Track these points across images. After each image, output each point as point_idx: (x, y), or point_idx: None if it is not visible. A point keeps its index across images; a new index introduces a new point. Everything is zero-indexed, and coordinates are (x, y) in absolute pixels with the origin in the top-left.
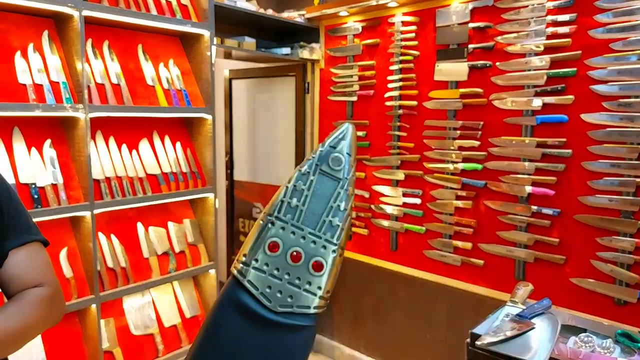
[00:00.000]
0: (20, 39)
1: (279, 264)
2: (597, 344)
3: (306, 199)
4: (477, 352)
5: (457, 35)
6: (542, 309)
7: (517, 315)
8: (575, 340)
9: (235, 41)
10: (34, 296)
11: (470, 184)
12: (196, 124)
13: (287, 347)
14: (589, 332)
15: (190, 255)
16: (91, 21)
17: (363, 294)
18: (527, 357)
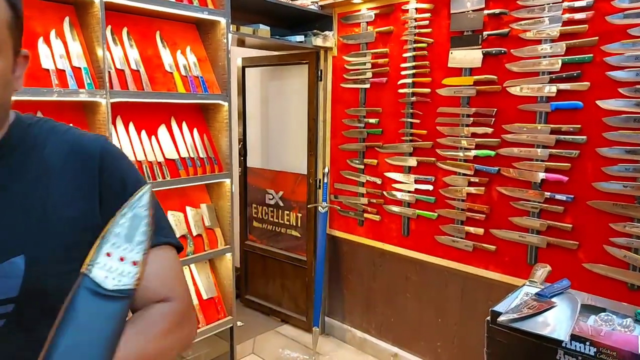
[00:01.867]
0: (42, 25)
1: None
2: (618, 323)
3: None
4: (498, 329)
5: (471, 22)
6: (561, 288)
7: (536, 294)
8: (595, 319)
9: (250, 28)
10: (160, 314)
11: (482, 170)
12: (212, 111)
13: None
14: (609, 311)
15: (207, 239)
16: (111, 7)
17: (374, 279)
18: (548, 333)
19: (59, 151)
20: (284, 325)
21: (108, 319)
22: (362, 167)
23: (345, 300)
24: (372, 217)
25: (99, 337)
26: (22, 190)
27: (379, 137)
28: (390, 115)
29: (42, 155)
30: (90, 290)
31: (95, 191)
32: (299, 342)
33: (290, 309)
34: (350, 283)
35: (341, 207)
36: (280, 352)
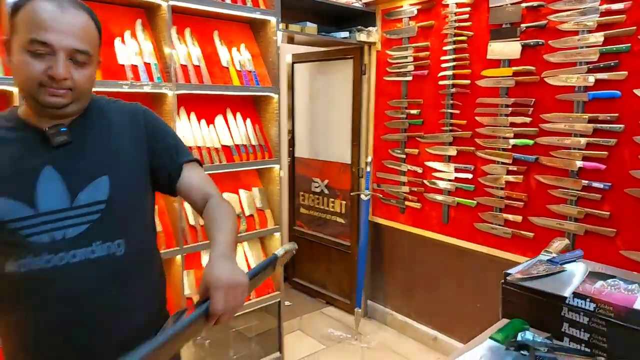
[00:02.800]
0: (119, 27)
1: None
2: (623, 287)
3: None
4: (509, 289)
5: (510, 15)
6: (573, 257)
7: (547, 261)
8: (603, 283)
9: (298, 26)
10: (223, 207)
11: (521, 158)
12: (264, 102)
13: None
14: (618, 278)
15: (258, 219)
16: (176, 10)
17: (415, 264)
18: (551, 291)
19: (116, 113)
20: (328, 307)
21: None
22: (404, 157)
23: (387, 285)
24: (413, 204)
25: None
26: (100, 138)
27: (420, 128)
28: (431, 106)
29: (108, 116)
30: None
31: (142, 138)
32: (342, 322)
33: (334, 292)
34: (391, 268)
35: (383, 195)
36: (324, 330)
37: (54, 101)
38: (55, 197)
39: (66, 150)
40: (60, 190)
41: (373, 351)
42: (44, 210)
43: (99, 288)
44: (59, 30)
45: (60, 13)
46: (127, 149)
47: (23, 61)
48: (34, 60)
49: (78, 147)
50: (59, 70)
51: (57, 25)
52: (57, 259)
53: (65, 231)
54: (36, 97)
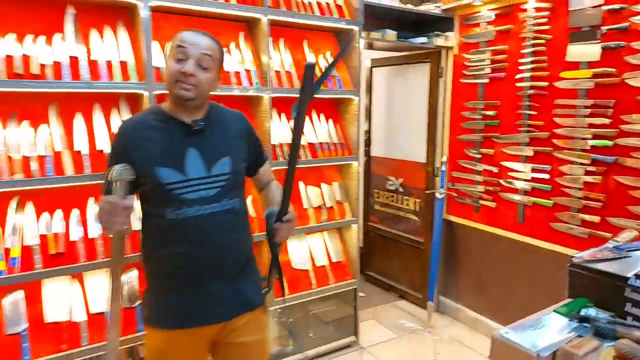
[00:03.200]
0: (226, 39)
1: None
2: None
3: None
4: (575, 271)
5: (590, 18)
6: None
7: (614, 247)
8: None
9: (379, 33)
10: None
11: (600, 159)
12: (344, 104)
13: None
14: None
15: (338, 211)
16: (273, 23)
17: (488, 262)
18: (614, 272)
19: (228, 115)
20: (401, 301)
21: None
22: (479, 157)
23: (460, 281)
24: (487, 203)
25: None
26: (221, 130)
27: (496, 128)
28: (508, 107)
29: (223, 117)
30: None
31: (245, 137)
32: (414, 315)
33: (407, 286)
34: (464, 265)
35: (458, 194)
36: (397, 321)
37: (183, 94)
38: (198, 168)
39: (201, 137)
40: (200, 164)
41: (445, 343)
42: (191, 177)
43: (225, 229)
44: (191, 43)
45: (194, 35)
46: (237, 141)
47: (169, 65)
48: (175, 64)
49: (208, 135)
50: (188, 67)
51: (191, 40)
52: (202, 210)
53: (206, 191)
54: (173, 90)
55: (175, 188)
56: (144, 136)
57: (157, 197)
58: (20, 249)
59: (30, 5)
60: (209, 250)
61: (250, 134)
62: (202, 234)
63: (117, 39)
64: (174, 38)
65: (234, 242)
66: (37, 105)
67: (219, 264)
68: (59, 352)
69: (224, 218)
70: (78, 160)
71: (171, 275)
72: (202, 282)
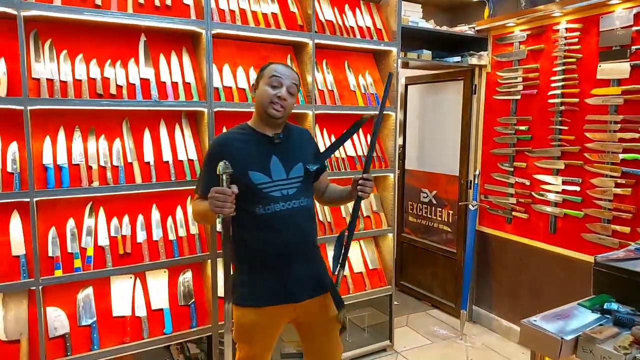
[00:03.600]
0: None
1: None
2: None
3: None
4: (599, 270)
5: (620, 38)
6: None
7: (636, 249)
8: None
9: (415, 54)
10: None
11: (630, 172)
12: (382, 120)
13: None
14: None
15: (374, 220)
16: (318, 46)
17: (521, 272)
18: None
19: (297, 130)
20: (434, 310)
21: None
22: (512, 170)
23: (493, 291)
24: (520, 215)
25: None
26: (294, 142)
27: (528, 143)
28: (539, 122)
29: (293, 131)
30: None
31: (311, 147)
32: (447, 323)
33: (440, 296)
34: (497, 275)
35: (490, 205)
36: (430, 328)
37: (275, 113)
38: (279, 171)
39: (280, 147)
40: (281, 169)
41: (477, 350)
42: (275, 179)
43: (301, 221)
44: (284, 75)
45: (286, 68)
46: (307, 151)
47: (264, 90)
48: (270, 89)
49: (285, 146)
50: (283, 93)
51: (284, 72)
52: (288, 205)
53: (287, 190)
54: (267, 110)
55: (264, 188)
56: (236, 147)
57: (250, 196)
58: (93, 248)
59: (108, 34)
60: (291, 238)
61: (315, 146)
62: (285, 225)
63: (181, 62)
64: (266, 69)
65: (307, 232)
66: (112, 121)
67: (298, 250)
68: (123, 343)
69: (301, 213)
70: (146, 170)
71: (261, 260)
72: (285, 266)
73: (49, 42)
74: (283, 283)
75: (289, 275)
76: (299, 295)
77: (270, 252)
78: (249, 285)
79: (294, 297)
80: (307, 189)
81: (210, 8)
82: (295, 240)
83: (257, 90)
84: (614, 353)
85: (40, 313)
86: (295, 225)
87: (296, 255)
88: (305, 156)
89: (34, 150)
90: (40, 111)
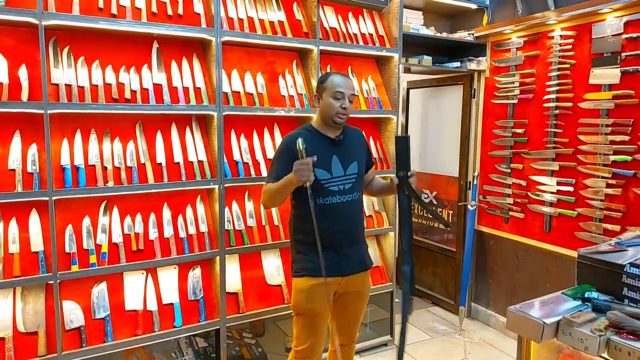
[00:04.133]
0: (281, 67)
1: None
2: None
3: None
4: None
5: (611, 45)
6: (639, 242)
7: (616, 243)
8: None
9: (416, 59)
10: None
11: (620, 173)
12: (384, 123)
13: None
14: None
15: (376, 219)
16: (322, 52)
17: (517, 270)
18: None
19: (353, 131)
20: (434, 307)
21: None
22: (509, 171)
23: (490, 289)
24: (516, 215)
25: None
26: (351, 143)
27: (525, 145)
28: (535, 125)
29: (351, 134)
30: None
31: (364, 147)
32: (446, 320)
33: (440, 293)
34: (494, 273)
35: (488, 205)
36: (430, 324)
37: (340, 121)
38: (338, 169)
39: (340, 148)
40: (340, 167)
41: (475, 345)
42: (335, 176)
43: (353, 212)
44: (345, 87)
45: (343, 79)
46: (360, 150)
47: (330, 102)
48: (335, 101)
49: (344, 147)
50: (347, 105)
51: (345, 85)
52: (343, 198)
53: (344, 186)
54: (334, 119)
55: (325, 183)
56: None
57: (313, 189)
58: (107, 245)
59: (123, 42)
60: (344, 225)
61: (366, 145)
62: (340, 214)
63: (192, 68)
64: (327, 81)
65: (357, 220)
66: (126, 123)
67: (349, 234)
68: (135, 335)
69: (353, 204)
70: (158, 171)
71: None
72: (339, 246)
73: (67, 49)
74: (334, 260)
75: (339, 254)
76: (345, 270)
77: (324, 236)
78: (306, 261)
79: (342, 272)
80: (360, 185)
81: (220, 17)
82: (345, 227)
83: (323, 102)
84: (590, 335)
85: (57, 306)
86: (346, 215)
87: (345, 239)
88: (359, 155)
89: (52, 151)
90: (58, 115)
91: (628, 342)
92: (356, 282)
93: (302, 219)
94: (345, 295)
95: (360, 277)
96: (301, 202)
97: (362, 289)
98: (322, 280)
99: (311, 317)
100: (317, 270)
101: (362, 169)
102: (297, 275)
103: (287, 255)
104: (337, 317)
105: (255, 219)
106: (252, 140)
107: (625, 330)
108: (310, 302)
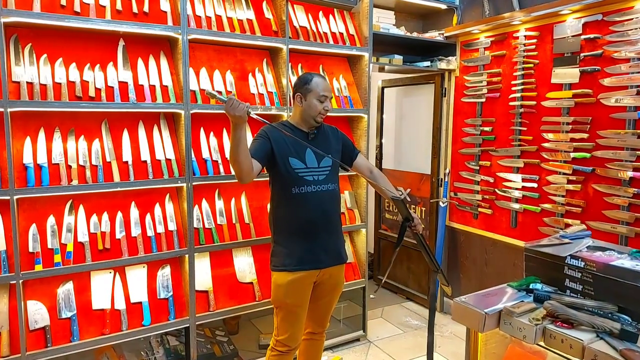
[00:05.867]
0: (251, 65)
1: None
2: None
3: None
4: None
5: (571, 45)
6: (581, 235)
7: (560, 236)
8: (601, 254)
9: (387, 58)
10: (381, 173)
11: (579, 170)
12: (356, 121)
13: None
14: (615, 250)
15: (348, 216)
16: (292, 51)
17: (486, 264)
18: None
19: (327, 128)
20: (408, 302)
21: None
22: (478, 168)
23: (461, 283)
24: (485, 211)
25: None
26: (324, 138)
27: (492, 143)
28: (502, 124)
29: (325, 129)
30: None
31: (340, 142)
32: (419, 314)
33: (413, 288)
34: (465, 268)
35: (459, 202)
36: (403, 319)
37: (320, 120)
38: (312, 161)
39: (314, 142)
40: (313, 159)
41: (445, 339)
42: (309, 166)
43: (328, 202)
44: (328, 90)
45: (326, 83)
46: (334, 145)
47: (315, 104)
48: (319, 103)
49: (318, 141)
50: (329, 107)
51: (327, 88)
52: (317, 187)
53: (317, 176)
54: (316, 118)
55: (300, 172)
56: (281, 136)
57: (287, 178)
58: (73, 244)
59: (87, 39)
60: (319, 213)
61: (341, 138)
62: (315, 204)
63: (159, 66)
64: (312, 83)
65: (333, 210)
66: (91, 122)
67: (325, 223)
68: (103, 335)
69: (328, 195)
70: (124, 169)
71: (296, 231)
72: (315, 234)
73: (28, 46)
74: (311, 252)
75: (316, 245)
76: (323, 262)
77: (301, 223)
78: (284, 255)
79: (319, 264)
80: (334, 176)
81: (186, 14)
82: (321, 215)
83: (307, 102)
84: (527, 324)
85: (20, 306)
86: (321, 203)
87: (322, 228)
88: (333, 149)
89: (14, 150)
90: (20, 113)
91: (562, 330)
92: (332, 275)
93: (278, 206)
94: (321, 285)
95: (336, 269)
96: (278, 189)
97: (337, 281)
98: (300, 275)
99: (290, 309)
100: (295, 265)
101: (335, 162)
102: (276, 269)
103: (259, 253)
104: (311, 306)
105: (225, 217)
106: (222, 139)
107: (560, 319)
108: (288, 297)
